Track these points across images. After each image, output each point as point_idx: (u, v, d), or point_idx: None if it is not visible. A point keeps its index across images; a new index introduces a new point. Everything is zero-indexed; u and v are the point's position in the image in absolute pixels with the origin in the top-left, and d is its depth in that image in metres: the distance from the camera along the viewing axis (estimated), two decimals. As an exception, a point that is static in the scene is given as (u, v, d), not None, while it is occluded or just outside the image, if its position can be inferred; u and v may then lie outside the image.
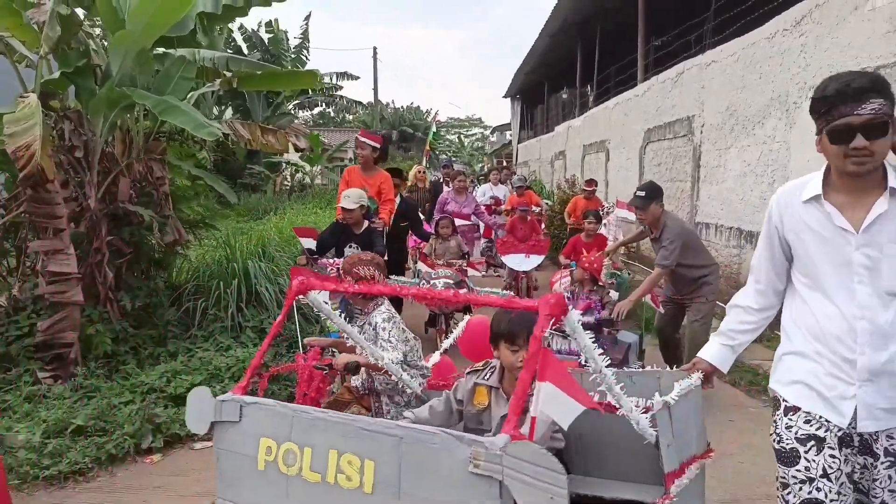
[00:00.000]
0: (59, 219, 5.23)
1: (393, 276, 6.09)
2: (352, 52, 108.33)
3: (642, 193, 5.33)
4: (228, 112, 21.45)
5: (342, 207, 5.46)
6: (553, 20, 17.08)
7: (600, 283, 5.64)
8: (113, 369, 5.33)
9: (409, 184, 10.22)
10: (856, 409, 1.99)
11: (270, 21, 23.74)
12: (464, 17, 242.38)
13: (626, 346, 5.07)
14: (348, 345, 3.06)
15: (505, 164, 31.44)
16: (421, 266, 6.85)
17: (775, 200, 2.19)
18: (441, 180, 10.46)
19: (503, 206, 10.74)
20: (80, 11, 5.88)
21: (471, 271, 7.12)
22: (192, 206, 7.34)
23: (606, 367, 2.10)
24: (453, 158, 57.15)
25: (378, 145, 6.29)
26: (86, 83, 5.66)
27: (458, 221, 8.10)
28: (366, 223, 5.55)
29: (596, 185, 10.39)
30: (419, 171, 11.37)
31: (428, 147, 19.16)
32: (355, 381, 3.43)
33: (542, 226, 9.90)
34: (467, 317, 4.37)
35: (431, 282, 6.33)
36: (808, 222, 2.07)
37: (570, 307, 1.93)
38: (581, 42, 18.77)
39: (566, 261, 7.41)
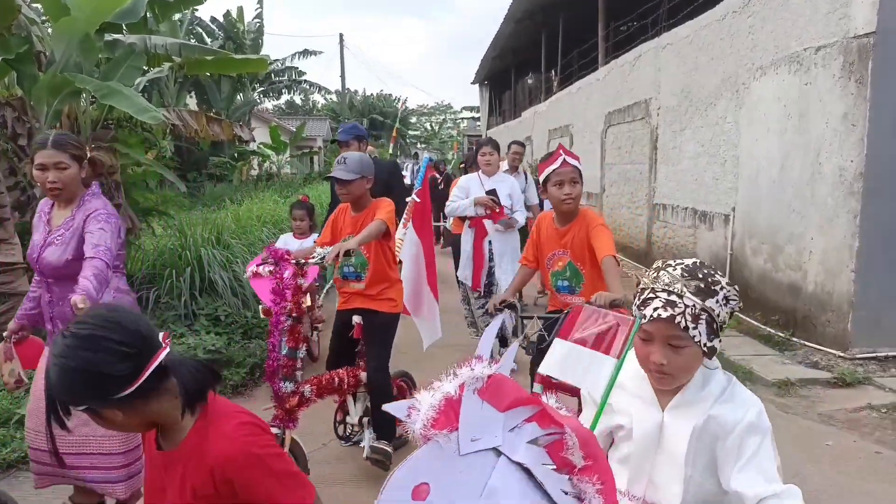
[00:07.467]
0: (2, 208, 5.14)
1: None
2: (317, 39, 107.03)
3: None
4: (192, 101, 21.17)
5: None
6: (517, 4, 17.09)
7: None
8: (63, 359, 5.27)
9: None
10: None
11: (234, 8, 23.47)
12: (431, 6, 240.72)
13: None
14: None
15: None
16: None
17: None
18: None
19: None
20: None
21: None
22: (146, 193, 7.22)
23: None
24: (423, 145, 56.35)
25: None
26: (27, 69, 5.55)
27: None
28: None
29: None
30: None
31: (395, 133, 19.09)
32: None
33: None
34: None
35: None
36: None
37: None
38: (545, 26, 18.82)
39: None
